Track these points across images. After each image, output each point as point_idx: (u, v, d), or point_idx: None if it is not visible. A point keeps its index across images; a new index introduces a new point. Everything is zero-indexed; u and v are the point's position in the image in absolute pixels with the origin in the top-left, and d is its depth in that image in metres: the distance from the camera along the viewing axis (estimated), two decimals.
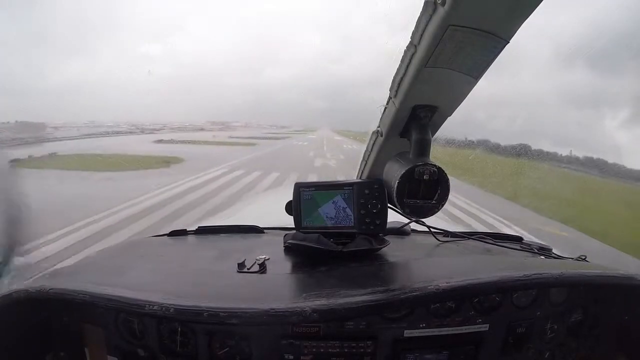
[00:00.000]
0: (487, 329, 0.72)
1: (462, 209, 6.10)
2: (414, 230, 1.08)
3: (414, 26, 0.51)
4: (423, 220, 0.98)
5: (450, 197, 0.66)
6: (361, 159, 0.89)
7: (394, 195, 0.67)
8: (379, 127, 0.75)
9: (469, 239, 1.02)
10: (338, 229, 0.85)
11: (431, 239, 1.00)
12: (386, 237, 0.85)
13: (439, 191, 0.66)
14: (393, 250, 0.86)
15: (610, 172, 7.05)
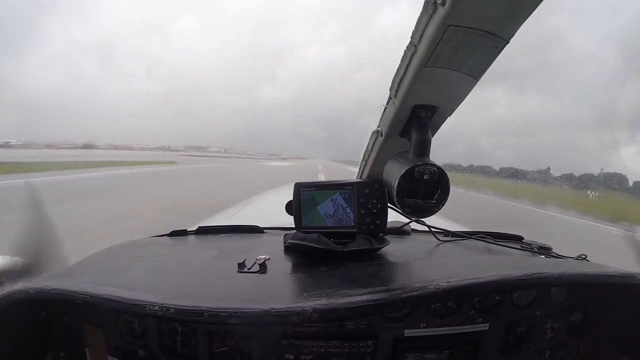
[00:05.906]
0: (487, 328, 0.72)
1: None
2: (414, 230, 1.08)
3: (414, 26, 0.51)
4: (423, 219, 0.98)
5: None
6: (361, 158, 0.89)
7: (394, 194, 0.67)
8: (379, 126, 0.75)
9: (469, 238, 1.02)
10: (338, 229, 0.85)
11: (431, 239, 1.01)
12: (386, 237, 0.85)
13: (439, 191, 0.66)
14: (393, 250, 0.86)
15: None
